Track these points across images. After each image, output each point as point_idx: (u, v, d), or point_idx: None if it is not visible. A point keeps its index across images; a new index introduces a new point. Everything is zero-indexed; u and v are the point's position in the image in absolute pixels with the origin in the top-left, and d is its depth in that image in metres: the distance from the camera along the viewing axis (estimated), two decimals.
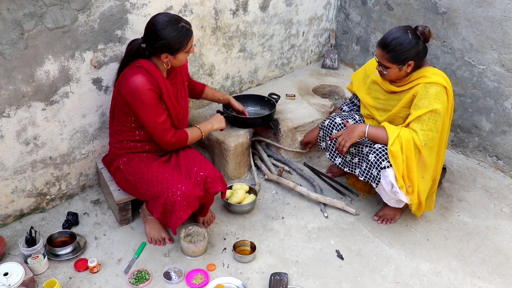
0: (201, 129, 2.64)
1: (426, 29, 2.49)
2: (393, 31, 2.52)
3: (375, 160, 2.56)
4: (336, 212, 2.91)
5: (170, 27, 2.28)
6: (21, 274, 2.24)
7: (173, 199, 2.30)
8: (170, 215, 2.36)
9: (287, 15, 3.63)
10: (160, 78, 2.40)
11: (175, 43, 2.30)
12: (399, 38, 2.46)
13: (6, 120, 2.43)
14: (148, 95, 2.33)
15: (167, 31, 2.27)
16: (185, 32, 2.32)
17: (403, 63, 2.51)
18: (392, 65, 2.52)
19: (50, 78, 2.49)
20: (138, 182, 2.44)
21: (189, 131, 2.57)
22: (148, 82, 2.33)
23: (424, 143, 2.49)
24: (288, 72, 3.97)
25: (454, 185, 3.19)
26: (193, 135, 2.59)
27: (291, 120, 3.28)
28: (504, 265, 2.59)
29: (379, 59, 2.56)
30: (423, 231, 2.80)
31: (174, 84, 2.55)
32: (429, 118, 2.49)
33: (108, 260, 2.52)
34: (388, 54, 2.50)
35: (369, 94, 2.83)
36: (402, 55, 2.48)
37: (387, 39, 2.50)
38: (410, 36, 2.46)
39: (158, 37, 2.29)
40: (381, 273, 2.52)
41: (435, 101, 2.48)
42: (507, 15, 2.93)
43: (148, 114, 2.37)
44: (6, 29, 2.23)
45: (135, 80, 2.31)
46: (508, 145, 3.22)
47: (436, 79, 2.52)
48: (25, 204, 2.71)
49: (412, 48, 2.47)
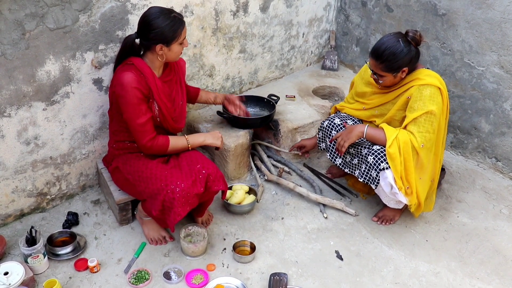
0: (188, 140, 2.56)
1: (416, 34, 2.50)
2: (384, 40, 2.51)
3: (374, 162, 2.56)
4: (335, 213, 2.92)
5: (163, 16, 2.30)
6: (21, 273, 2.25)
7: (172, 195, 2.31)
8: (168, 212, 2.36)
9: (287, 16, 3.64)
10: (150, 76, 2.39)
11: (169, 31, 2.31)
12: (391, 48, 2.46)
13: (7, 120, 2.44)
14: (132, 93, 2.32)
15: (160, 20, 2.29)
16: (177, 21, 2.33)
17: (397, 71, 2.52)
18: (387, 74, 2.54)
19: (51, 78, 2.49)
20: (137, 180, 2.44)
21: (173, 139, 2.51)
22: (135, 80, 2.32)
23: (422, 145, 2.50)
24: (288, 73, 3.98)
25: (453, 186, 3.20)
26: (177, 144, 2.52)
27: (291, 121, 3.29)
28: (503, 266, 2.60)
29: (373, 68, 2.57)
30: (422, 232, 2.80)
31: (168, 82, 2.55)
32: (425, 119, 2.50)
33: (108, 260, 2.52)
34: (382, 65, 2.51)
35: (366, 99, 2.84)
36: (396, 64, 2.49)
37: (379, 49, 2.50)
38: (402, 44, 2.46)
39: (151, 26, 2.30)
40: (380, 273, 2.52)
41: (429, 102, 2.49)
42: (506, 17, 2.94)
43: (129, 112, 2.36)
44: (8, 29, 2.24)
45: (122, 77, 2.32)
46: (507, 147, 3.23)
47: (429, 80, 2.52)
48: (26, 204, 2.72)
49: (405, 56, 2.48)
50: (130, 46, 2.40)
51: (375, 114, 2.78)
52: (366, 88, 2.81)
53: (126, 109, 2.35)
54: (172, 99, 2.57)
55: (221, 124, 3.19)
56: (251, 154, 3.28)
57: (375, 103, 2.76)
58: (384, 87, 2.68)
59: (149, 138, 2.42)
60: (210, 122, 3.21)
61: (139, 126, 2.38)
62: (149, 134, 2.42)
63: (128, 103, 2.34)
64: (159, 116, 2.49)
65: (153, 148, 2.45)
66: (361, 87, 2.84)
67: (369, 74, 2.69)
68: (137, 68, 2.36)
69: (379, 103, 2.74)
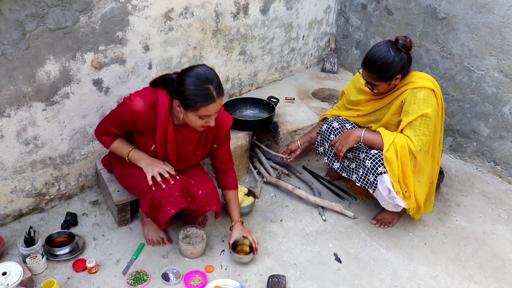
0: (130, 153, 2.40)
1: (407, 41, 2.50)
2: (374, 50, 2.51)
3: (371, 166, 2.57)
4: (334, 216, 2.92)
5: (196, 80, 2.10)
6: (19, 273, 2.25)
7: (160, 194, 2.31)
8: (158, 210, 2.36)
9: (287, 18, 3.65)
10: (163, 119, 2.26)
11: (189, 96, 2.11)
12: (383, 59, 2.46)
13: (6, 120, 2.44)
14: (127, 112, 2.25)
15: (190, 81, 2.10)
16: (205, 94, 2.10)
17: (391, 79, 2.53)
18: (381, 83, 2.55)
19: (51, 79, 2.49)
20: (130, 176, 2.45)
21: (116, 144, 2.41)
22: (139, 114, 2.23)
23: (420, 149, 2.50)
24: (288, 76, 3.98)
25: (452, 189, 3.20)
26: (117, 150, 2.43)
27: (290, 123, 3.29)
28: (501, 270, 2.60)
29: (367, 78, 2.58)
30: (421, 235, 2.81)
31: (185, 138, 2.38)
32: (421, 123, 2.50)
33: (106, 260, 2.52)
34: (374, 75, 2.52)
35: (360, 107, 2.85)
36: (389, 73, 2.49)
37: (370, 60, 2.50)
38: (392, 53, 2.46)
39: (181, 82, 2.12)
40: (379, 276, 2.53)
41: (424, 105, 2.50)
42: (506, 21, 2.95)
43: (109, 116, 2.38)
44: (8, 29, 2.24)
45: (137, 101, 2.23)
46: (506, 151, 3.24)
47: (423, 83, 2.53)
48: (24, 204, 2.72)
49: (397, 64, 2.48)
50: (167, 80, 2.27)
51: (371, 120, 2.78)
52: (359, 96, 2.81)
53: (112, 112, 2.36)
54: (182, 153, 2.43)
55: None
56: (250, 156, 3.28)
57: (369, 109, 2.76)
58: (378, 94, 2.69)
59: (100, 133, 2.42)
60: None
61: (105, 126, 2.37)
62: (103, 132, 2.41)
63: (117, 114, 2.32)
64: (153, 154, 2.40)
65: (97, 139, 2.46)
66: (354, 95, 2.85)
67: (362, 82, 2.70)
68: (158, 103, 2.25)
69: (374, 109, 2.74)
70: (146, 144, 2.37)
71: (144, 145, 2.39)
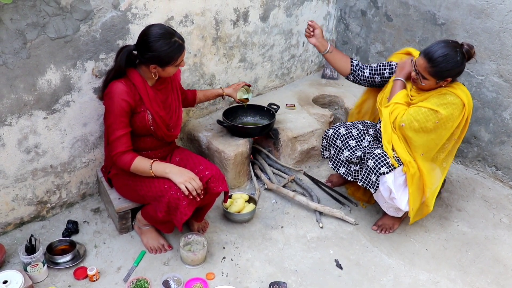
0: (153, 167, 2.40)
1: (472, 49, 2.47)
2: (442, 45, 2.45)
3: (374, 166, 2.57)
4: (335, 222, 2.92)
5: (163, 41, 2.28)
6: (20, 282, 2.25)
7: (177, 196, 2.32)
8: (175, 212, 2.36)
9: (287, 25, 3.66)
10: (142, 86, 2.41)
11: (165, 57, 2.31)
12: (447, 56, 2.42)
13: (7, 129, 2.45)
14: (118, 103, 2.33)
15: (158, 44, 2.28)
16: (177, 47, 2.33)
17: (442, 79, 2.50)
18: (432, 79, 2.50)
19: (52, 87, 2.51)
20: (138, 185, 2.46)
21: (138, 161, 2.39)
22: (124, 92, 2.34)
23: (403, 124, 2.54)
24: (288, 82, 3.99)
25: (453, 195, 3.20)
26: (139, 167, 2.40)
27: (291, 130, 3.29)
28: (503, 275, 2.59)
29: (420, 69, 2.51)
30: (422, 241, 2.80)
31: (163, 90, 2.55)
32: (424, 113, 2.50)
33: (107, 268, 2.52)
34: (432, 69, 2.46)
35: None
36: (446, 72, 2.46)
37: (435, 53, 2.43)
38: (458, 56, 2.42)
39: (149, 48, 2.29)
40: (380, 282, 2.52)
41: (443, 106, 2.49)
42: (504, 26, 2.96)
43: (110, 121, 2.37)
44: (9, 38, 2.26)
45: (112, 86, 2.35)
46: (507, 156, 3.23)
47: (459, 93, 2.52)
48: (26, 212, 2.73)
49: (457, 68, 2.45)
50: (127, 56, 2.38)
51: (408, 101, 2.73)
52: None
53: (108, 116, 2.38)
54: (167, 106, 2.57)
55: (221, 132, 3.20)
56: (251, 162, 3.28)
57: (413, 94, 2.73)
58: (419, 89, 2.64)
59: (119, 152, 2.38)
60: (210, 131, 3.22)
61: (115, 137, 2.37)
62: (120, 147, 2.37)
63: (112, 112, 2.35)
64: (153, 124, 2.48)
65: (117, 162, 2.42)
66: None
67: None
68: (129, 79, 2.39)
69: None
70: (144, 118, 2.44)
71: (143, 121, 2.44)
